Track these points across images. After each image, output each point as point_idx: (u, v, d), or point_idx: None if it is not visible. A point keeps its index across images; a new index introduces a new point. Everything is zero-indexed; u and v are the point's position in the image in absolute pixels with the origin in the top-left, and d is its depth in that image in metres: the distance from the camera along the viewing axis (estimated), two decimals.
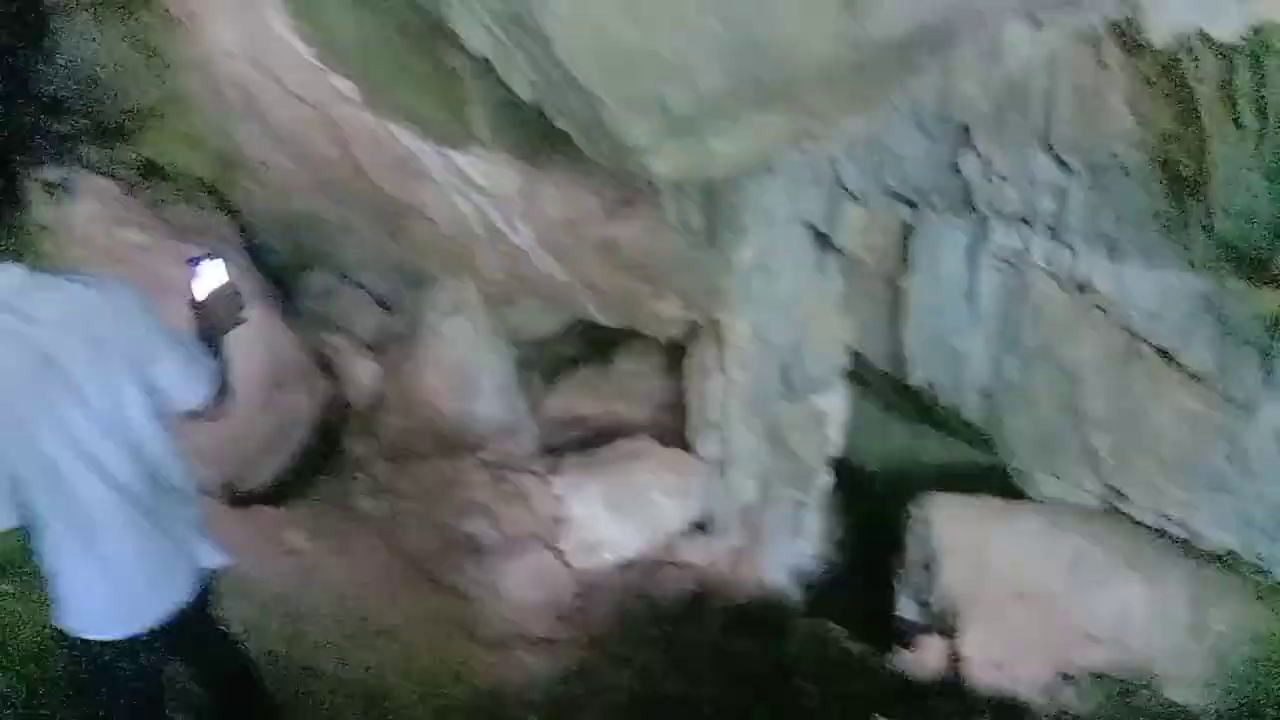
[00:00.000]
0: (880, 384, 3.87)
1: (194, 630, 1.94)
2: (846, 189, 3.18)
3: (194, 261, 1.81)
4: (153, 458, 1.84)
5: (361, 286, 4.35)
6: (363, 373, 4.17)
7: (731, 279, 3.20)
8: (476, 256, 3.98)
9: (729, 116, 1.68)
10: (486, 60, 2.03)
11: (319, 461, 3.85)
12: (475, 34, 1.75)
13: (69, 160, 3.81)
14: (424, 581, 3.45)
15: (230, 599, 2.06)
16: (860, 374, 3.79)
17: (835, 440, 3.76)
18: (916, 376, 3.51)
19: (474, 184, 3.40)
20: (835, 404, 3.67)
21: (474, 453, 4.07)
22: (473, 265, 4.06)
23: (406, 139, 3.19)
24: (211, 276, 1.79)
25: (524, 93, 1.82)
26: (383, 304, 4.40)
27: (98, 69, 4.08)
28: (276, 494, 3.53)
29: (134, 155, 4.01)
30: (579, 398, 4.68)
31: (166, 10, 3.73)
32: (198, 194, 3.93)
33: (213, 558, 1.94)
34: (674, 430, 4.21)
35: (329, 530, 3.47)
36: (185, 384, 1.84)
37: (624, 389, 4.57)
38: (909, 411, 4.05)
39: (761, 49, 1.47)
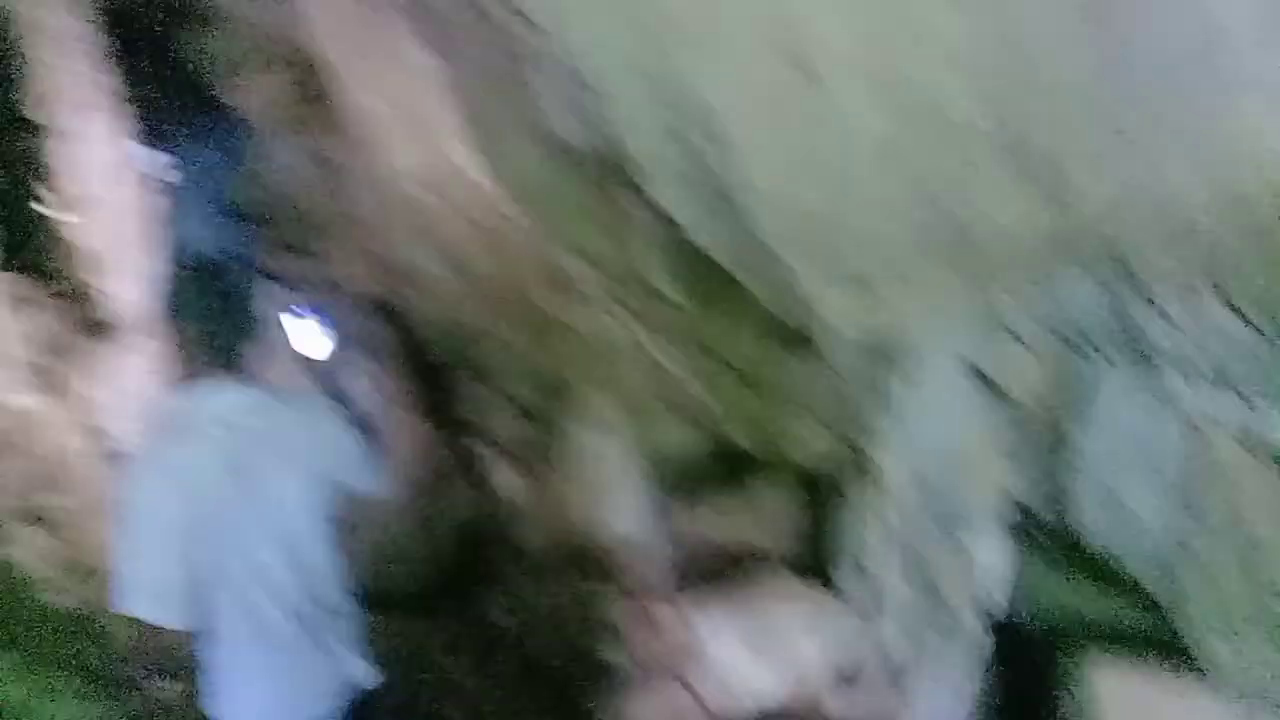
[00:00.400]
0: (1041, 535, 3.70)
1: None
2: (1011, 331, 3.13)
3: (295, 313, 1.94)
4: (318, 575, 1.98)
5: (508, 395, 4.51)
6: (503, 481, 4.30)
7: (886, 415, 3.17)
8: (622, 373, 4.09)
9: (910, 278, 1.71)
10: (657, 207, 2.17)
11: (461, 568, 3.97)
12: (664, 192, 1.86)
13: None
14: (557, 704, 3.46)
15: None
16: (1020, 523, 3.63)
17: (991, 591, 3.60)
18: (1082, 531, 3.35)
19: (629, 307, 3.52)
20: (992, 552, 3.52)
21: (607, 572, 4.09)
22: (617, 381, 4.17)
23: (569, 264, 3.35)
24: (312, 333, 1.92)
25: (706, 244, 1.91)
26: (527, 413, 4.55)
27: (281, 184, 4.51)
28: (421, 601, 3.65)
29: (308, 265, 4.36)
30: (713, 521, 4.65)
31: (350, 133, 4.11)
32: (364, 303, 4.22)
33: (364, 675, 2.05)
34: (811, 565, 4.13)
35: (468, 644, 3.55)
36: (368, 478, 2.00)
37: (761, 516, 4.51)
38: (1070, 565, 3.85)
39: (953, 226, 1.51)
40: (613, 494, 4.37)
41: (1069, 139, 1.33)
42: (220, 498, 1.81)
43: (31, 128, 3.54)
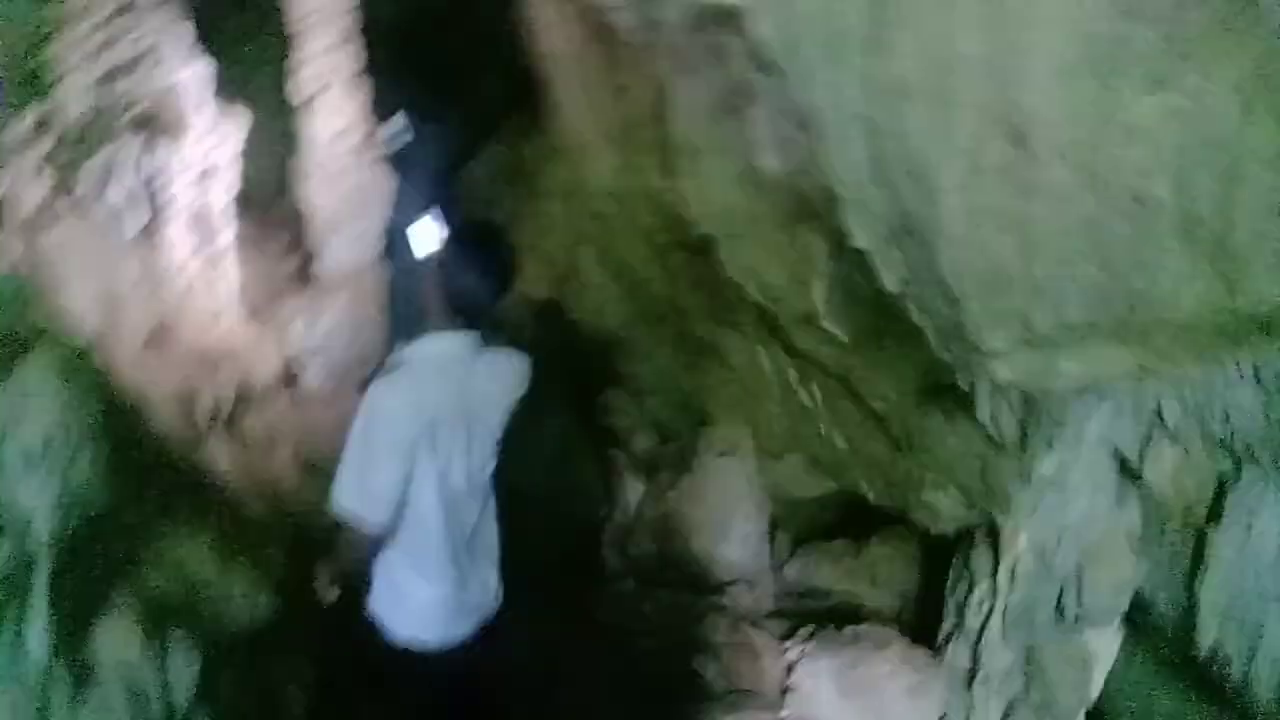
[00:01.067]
0: (1157, 638, 3.75)
1: (471, 659, 2.41)
2: (1165, 425, 3.24)
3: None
4: (487, 505, 2.37)
5: (648, 410, 4.83)
6: (630, 491, 4.61)
7: (1024, 489, 3.32)
8: (762, 410, 4.35)
9: (1082, 343, 1.93)
10: (841, 245, 2.45)
11: (577, 562, 4.28)
12: (861, 231, 2.14)
13: None
14: (648, 708, 3.71)
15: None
16: (1137, 621, 3.69)
17: (1097, 686, 3.67)
18: (1205, 640, 3.39)
19: (787, 344, 3.78)
20: (1106, 647, 3.60)
21: (714, 594, 4.33)
22: (755, 416, 4.44)
23: (737, 293, 3.64)
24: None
25: (891, 285, 2.18)
26: (663, 430, 4.85)
27: (476, 180, 5.00)
28: (537, 583, 3.97)
29: None
30: (823, 569, 4.83)
31: (550, 142, 4.56)
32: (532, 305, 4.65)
33: (498, 599, 2.41)
34: (915, 626, 4.25)
35: (573, 633, 3.85)
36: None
37: (873, 571, 4.67)
38: (1185, 675, 3.86)
39: (1131, 296, 1.74)
40: (729, 521, 4.61)
41: (1256, 236, 1.56)
42: (438, 421, 2.18)
43: (280, 98, 4.13)
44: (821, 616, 4.41)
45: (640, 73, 3.18)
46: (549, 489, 4.20)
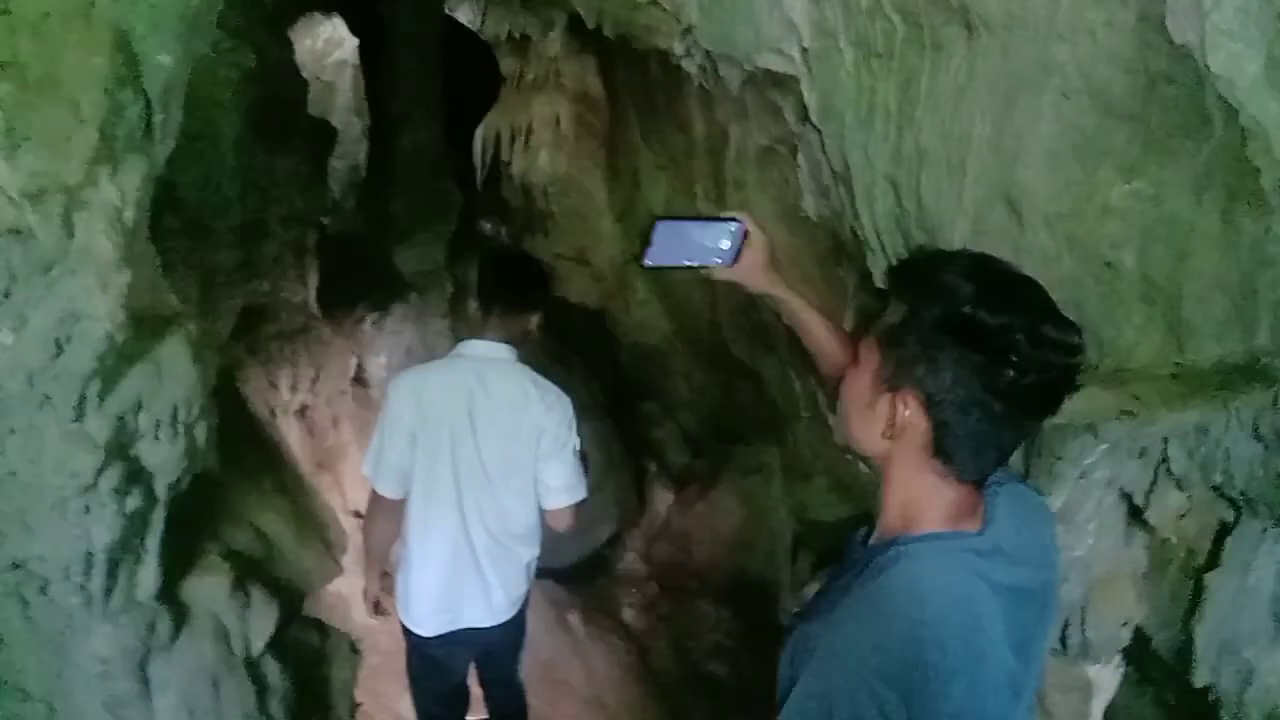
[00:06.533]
0: (1158, 676, 4.12)
1: (493, 649, 2.85)
2: (1171, 472, 3.63)
3: None
4: (515, 514, 2.74)
5: (682, 425, 5.29)
6: (660, 500, 5.07)
7: None
8: (791, 431, 4.79)
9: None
10: (867, 280, 2.89)
11: (605, 565, 4.75)
12: (881, 273, 2.60)
13: None
14: (664, 703, 4.15)
15: None
16: (1139, 659, 4.07)
17: (1096, 718, 4.04)
18: (1200, 678, 3.76)
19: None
20: (1106, 679, 3.98)
21: (737, 606, 4.76)
22: (784, 437, 4.88)
23: (775, 317, 4.09)
24: None
25: None
26: (694, 445, 5.31)
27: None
28: (567, 576, 4.45)
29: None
30: None
31: (614, 168, 5.03)
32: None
33: (505, 611, 2.80)
34: None
35: (597, 623, 4.31)
36: (560, 489, 2.72)
37: None
38: (1182, 711, 4.22)
39: (1101, 345, 2.20)
40: (755, 537, 5.04)
41: (1200, 302, 2.00)
42: (439, 417, 2.59)
43: None
44: None
45: (702, 114, 3.67)
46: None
